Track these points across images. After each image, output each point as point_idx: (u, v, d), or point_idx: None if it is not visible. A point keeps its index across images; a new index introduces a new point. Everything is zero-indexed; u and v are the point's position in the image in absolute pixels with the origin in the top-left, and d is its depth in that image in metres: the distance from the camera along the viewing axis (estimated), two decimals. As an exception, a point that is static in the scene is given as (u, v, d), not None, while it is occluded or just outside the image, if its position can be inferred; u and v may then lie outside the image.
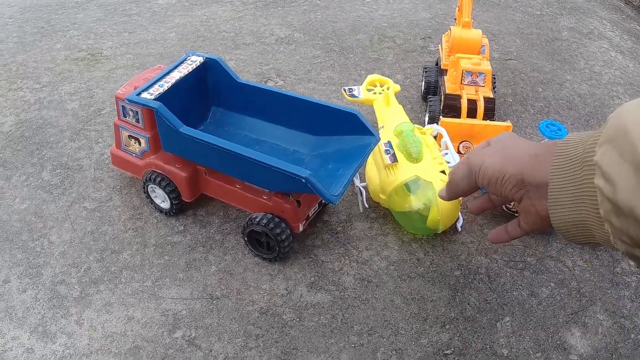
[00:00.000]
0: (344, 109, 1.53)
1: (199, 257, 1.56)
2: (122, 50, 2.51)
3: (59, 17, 2.82)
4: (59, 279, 1.52)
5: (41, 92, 2.23)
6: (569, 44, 2.79)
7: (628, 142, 0.62)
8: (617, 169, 0.63)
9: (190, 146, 1.47)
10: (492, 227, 1.71)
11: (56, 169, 1.85)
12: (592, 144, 0.74)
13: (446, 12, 2.95)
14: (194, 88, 1.66)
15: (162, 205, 1.65)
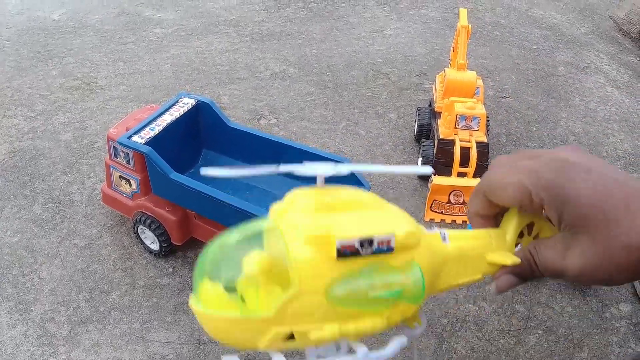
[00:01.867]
0: (335, 158, 1.56)
1: (187, 300, 1.58)
2: (117, 81, 2.55)
3: (55, 42, 2.86)
4: (48, 316, 1.55)
5: (35, 121, 2.27)
6: (564, 80, 2.82)
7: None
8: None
9: (180, 192, 1.51)
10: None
11: (48, 203, 1.89)
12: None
13: (442, 47, 2.97)
14: (186, 131, 1.70)
15: (152, 246, 1.69)
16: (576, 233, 0.60)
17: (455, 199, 1.89)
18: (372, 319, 0.60)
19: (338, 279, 0.57)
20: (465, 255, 0.67)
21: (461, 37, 2.07)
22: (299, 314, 0.58)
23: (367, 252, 0.57)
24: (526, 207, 0.64)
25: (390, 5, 3.40)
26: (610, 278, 0.61)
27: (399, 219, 0.61)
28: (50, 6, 3.23)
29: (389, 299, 0.60)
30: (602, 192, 0.59)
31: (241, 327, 0.59)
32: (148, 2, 3.30)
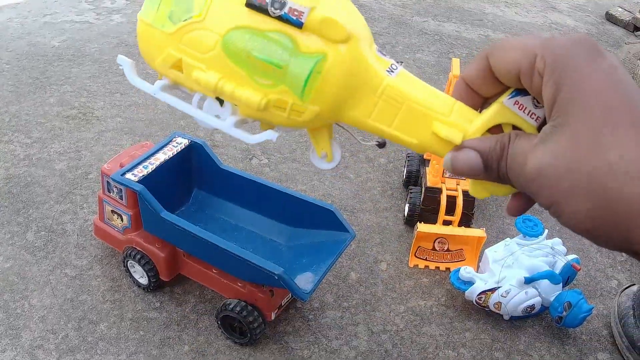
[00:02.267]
0: (321, 205, 1.63)
1: (173, 335, 1.65)
2: (113, 112, 2.61)
3: (54, 69, 2.92)
4: (37, 343, 1.61)
5: (31, 148, 2.33)
6: None
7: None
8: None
9: (169, 230, 1.58)
10: (463, 319, 1.81)
11: (41, 231, 1.94)
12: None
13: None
14: (178, 170, 1.76)
15: (141, 280, 1.75)
16: (561, 125, 0.50)
17: (440, 247, 1.94)
18: (250, 91, 0.60)
19: (240, 28, 0.58)
20: (406, 104, 0.60)
21: (452, 87, 2.12)
22: (193, 43, 0.61)
23: (275, 12, 0.57)
24: (524, 75, 0.53)
25: (386, 48, 3.44)
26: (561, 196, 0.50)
27: (340, 9, 0.58)
28: (51, 32, 3.28)
29: (275, 73, 0.58)
30: (616, 97, 0.48)
31: (150, 37, 0.64)
32: (147, 33, 3.35)
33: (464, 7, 4.25)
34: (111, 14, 3.54)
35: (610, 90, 0.48)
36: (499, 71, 0.55)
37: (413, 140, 0.61)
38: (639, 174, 0.46)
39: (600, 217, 0.49)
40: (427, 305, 1.82)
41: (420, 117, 0.59)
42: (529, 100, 0.56)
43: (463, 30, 3.86)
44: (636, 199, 0.47)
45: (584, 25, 4.33)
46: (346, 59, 0.58)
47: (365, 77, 0.59)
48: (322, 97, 0.59)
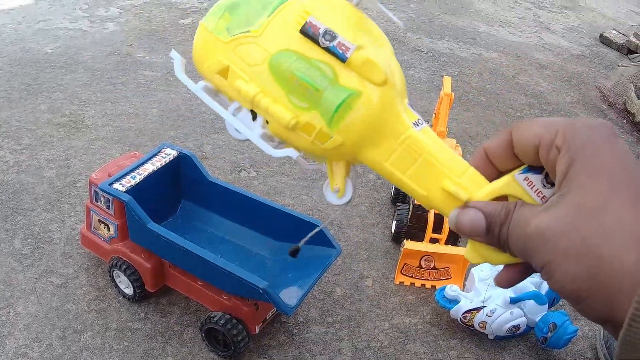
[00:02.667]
0: (308, 219, 1.64)
1: (157, 346, 1.65)
2: (104, 121, 2.62)
3: (46, 75, 2.93)
4: (21, 351, 1.61)
5: (21, 155, 2.33)
6: None
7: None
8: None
9: (156, 241, 1.59)
10: (447, 338, 1.81)
11: (27, 239, 1.95)
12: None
13: (427, 110, 3.04)
14: (166, 181, 1.77)
15: (126, 290, 1.76)
16: (567, 194, 0.53)
17: (426, 264, 1.95)
18: (284, 109, 0.63)
19: (289, 50, 0.63)
20: (423, 157, 0.63)
21: (443, 105, 2.13)
22: (244, 55, 0.65)
23: (324, 44, 0.61)
24: (543, 148, 0.55)
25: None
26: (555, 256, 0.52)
27: (384, 57, 0.62)
28: (44, 39, 3.30)
29: (312, 95, 0.62)
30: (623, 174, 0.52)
31: (205, 42, 0.67)
32: (140, 43, 3.38)
33: (458, 25, 4.27)
34: (105, 22, 3.56)
35: (619, 168, 0.52)
36: (520, 144, 0.58)
37: (422, 191, 0.63)
38: (635, 244, 0.49)
39: (588, 279, 0.51)
40: (412, 323, 1.83)
41: (433, 171, 0.62)
42: (539, 179, 0.58)
43: (456, 49, 3.89)
44: (626, 267, 0.49)
45: (578, 47, 4.35)
46: (378, 101, 0.61)
47: (391, 122, 0.63)
48: (348, 130, 0.62)
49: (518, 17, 4.80)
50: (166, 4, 3.89)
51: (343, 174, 0.68)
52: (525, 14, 4.93)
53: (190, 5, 3.90)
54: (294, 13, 0.63)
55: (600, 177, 0.52)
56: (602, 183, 0.51)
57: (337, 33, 0.61)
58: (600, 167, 0.52)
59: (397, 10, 4.34)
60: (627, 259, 0.49)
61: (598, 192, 0.51)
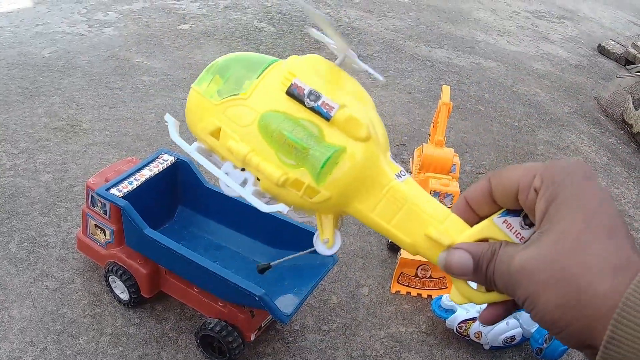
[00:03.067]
0: (305, 227, 1.64)
1: (152, 352, 1.65)
2: (101, 126, 2.62)
3: (44, 79, 2.93)
4: (15, 355, 1.61)
5: (17, 158, 2.33)
6: (543, 159, 2.89)
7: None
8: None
9: (152, 247, 1.59)
10: (443, 347, 1.81)
11: (23, 242, 1.95)
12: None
13: (424, 118, 3.05)
14: (163, 187, 1.77)
15: (122, 296, 1.76)
16: (547, 231, 0.57)
17: (423, 273, 1.95)
18: (273, 167, 0.68)
19: (277, 111, 0.68)
20: (406, 206, 0.67)
21: (442, 114, 2.14)
22: (234, 116, 0.70)
23: (309, 104, 0.66)
24: (522, 192, 0.60)
25: (377, 72, 3.46)
26: (536, 288, 0.56)
27: (366, 114, 0.68)
28: (42, 42, 3.30)
29: (299, 153, 0.66)
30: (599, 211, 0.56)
31: (197, 105, 0.73)
32: (138, 48, 3.38)
33: (457, 34, 4.28)
34: (103, 27, 3.56)
35: (595, 204, 0.56)
36: (499, 190, 0.62)
37: (407, 239, 0.67)
38: (608, 272, 0.53)
39: (568, 308, 0.54)
40: (407, 332, 1.83)
41: (417, 219, 0.66)
42: (517, 221, 0.63)
43: (454, 57, 3.89)
44: (602, 294, 0.52)
45: (576, 57, 4.36)
46: (362, 156, 0.66)
47: (375, 175, 0.67)
48: (334, 185, 0.66)
49: (517, 27, 4.81)
50: (165, 9, 3.90)
51: (332, 226, 0.72)
52: (524, 23, 4.94)
53: (189, 11, 3.91)
54: (280, 75, 0.69)
55: (577, 214, 0.56)
56: (579, 219, 0.56)
57: (321, 93, 0.66)
58: (576, 204, 0.56)
59: (396, 19, 4.35)
60: (603, 287, 0.52)
61: (575, 227, 0.55)
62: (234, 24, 3.79)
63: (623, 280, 0.52)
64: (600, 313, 0.53)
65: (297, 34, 3.76)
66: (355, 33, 3.93)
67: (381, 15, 4.39)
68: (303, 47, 3.61)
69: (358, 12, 4.34)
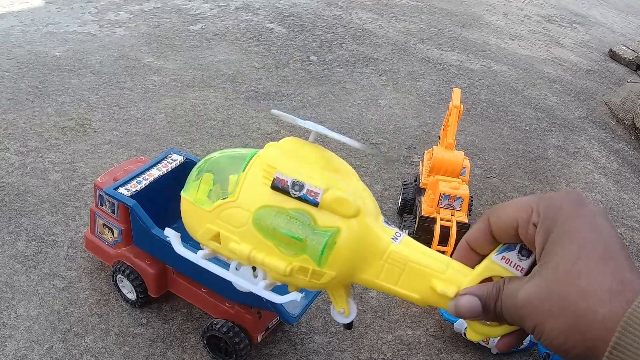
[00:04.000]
0: (315, 227, 1.62)
1: (158, 352, 1.65)
2: (110, 125, 2.62)
3: (54, 78, 2.93)
4: (21, 353, 1.61)
5: (26, 157, 2.33)
6: (553, 164, 2.89)
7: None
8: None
9: (160, 247, 1.59)
10: (450, 351, 1.80)
11: (31, 241, 1.95)
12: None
13: (434, 121, 3.04)
14: (172, 186, 1.74)
15: (129, 295, 1.75)
16: (546, 263, 0.61)
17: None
18: (278, 260, 0.70)
19: (267, 207, 0.70)
20: (408, 265, 0.70)
21: (452, 117, 2.13)
22: (228, 219, 0.73)
23: (295, 194, 0.69)
24: (522, 227, 0.64)
25: (388, 74, 3.48)
26: (542, 318, 0.61)
27: (349, 188, 0.71)
28: (52, 42, 3.30)
29: (296, 245, 0.69)
30: (591, 237, 0.60)
31: (192, 213, 0.77)
32: (149, 48, 3.39)
33: (468, 38, 4.27)
34: (114, 27, 3.56)
35: (587, 231, 0.60)
36: (499, 227, 0.66)
37: (416, 295, 0.70)
38: (605, 297, 0.56)
39: (572, 333, 0.58)
40: (415, 335, 1.82)
41: (420, 275, 0.70)
42: (514, 254, 0.67)
43: (465, 60, 3.89)
44: (601, 318, 0.56)
45: (587, 62, 4.35)
46: (356, 231, 0.69)
47: (373, 245, 0.70)
48: (337, 263, 0.70)
49: (528, 31, 4.80)
50: (176, 9, 3.90)
51: (344, 297, 0.76)
52: (536, 27, 4.94)
53: (200, 12, 3.91)
54: (261, 169, 0.72)
55: (572, 243, 0.60)
56: (573, 250, 0.59)
57: (303, 182, 0.69)
58: (570, 234, 0.60)
59: (408, 22, 4.35)
60: (602, 311, 0.56)
61: (570, 258, 0.59)
62: (245, 25, 3.79)
63: (619, 303, 0.56)
64: (600, 336, 0.56)
65: (308, 35, 3.77)
66: (366, 35, 3.93)
67: (393, 17, 4.38)
68: (315, 49, 3.62)
69: (369, 14, 4.34)
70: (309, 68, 3.43)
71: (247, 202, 0.72)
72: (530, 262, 0.66)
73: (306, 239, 0.69)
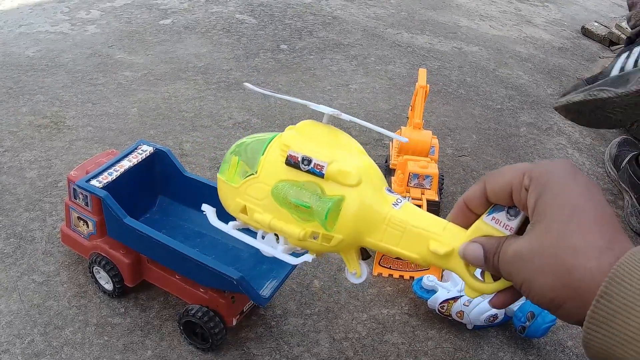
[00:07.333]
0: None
1: (136, 340, 1.68)
2: (84, 122, 2.64)
3: (28, 78, 2.95)
4: (3, 347, 1.63)
5: (2, 157, 2.36)
6: (525, 140, 2.92)
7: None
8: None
9: (132, 236, 1.61)
10: (425, 328, 1.84)
11: (10, 238, 1.97)
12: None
13: (405, 104, 3.06)
14: (142, 177, 1.79)
15: (106, 286, 1.78)
16: (538, 222, 0.69)
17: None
18: (294, 227, 0.86)
19: (283, 180, 0.87)
20: (407, 229, 0.82)
21: (419, 97, 2.16)
22: (253, 194, 0.90)
23: (305, 168, 0.84)
24: (515, 191, 0.73)
25: (358, 59, 3.50)
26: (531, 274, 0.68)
27: (353, 161, 0.84)
28: (26, 42, 3.31)
29: (306, 211, 0.85)
30: (584, 201, 0.67)
31: (225, 190, 0.95)
32: (120, 44, 3.40)
33: (438, 20, 4.29)
34: (86, 25, 3.57)
35: (581, 196, 0.67)
36: (494, 190, 0.75)
37: (416, 256, 0.83)
38: (595, 254, 0.63)
39: (563, 289, 0.65)
40: (390, 314, 1.85)
41: (418, 237, 0.82)
42: (503, 214, 0.76)
43: (436, 43, 3.91)
44: (590, 273, 0.62)
45: (559, 40, 4.38)
46: (359, 198, 0.83)
47: (375, 210, 0.83)
48: (343, 228, 0.83)
49: (499, 11, 4.81)
50: (146, 5, 3.91)
51: (356, 259, 0.90)
52: (507, 7, 4.95)
53: (170, 6, 3.92)
54: (278, 149, 0.88)
55: (565, 206, 0.67)
56: (566, 210, 0.66)
57: (311, 157, 0.84)
58: (563, 197, 0.67)
59: (377, 7, 4.36)
60: (590, 266, 0.63)
61: (563, 218, 0.66)
62: (215, 17, 3.80)
63: (607, 259, 0.62)
64: (589, 290, 0.62)
65: (278, 24, 3.78)
66: (336, 22, 3.95)
67: (362, 3, 4.39)
68: (285, 37, 3.63)
69: (339, 1, 4.34)
70: (279, 57, 3.45)
71: (267, 177, 0.88)
72: (518, 221, 0.76)
73: (312, 207, 0.84)
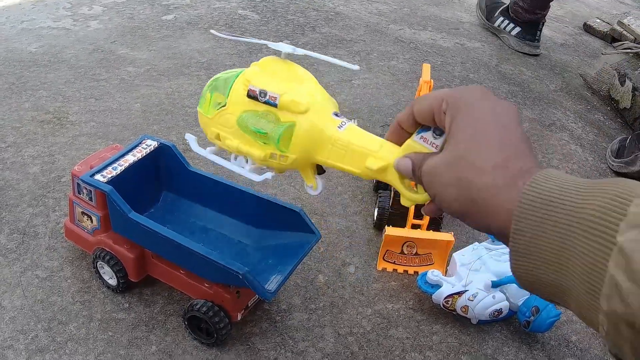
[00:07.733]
0: (288, 206, 1.66)
1: (141, 335, 1.67)
2: (87, 117, 2.63)
3: (30, 74, 2.94)
4: (7, 343, 1.63)
5: (5, 152, 2.35)
6: (529, 136, 2.88)
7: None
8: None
9: (137, 231, 1.60)
10: (430, 323, 1.84)
11: (13, 233, 1.97)
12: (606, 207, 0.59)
13: (409, 99, 3.05)
14: (147, 172, 1.79)
15: (110, 281, 1.78)
16: (449, 141, 0.79)
17: (408, 250, 1.97)
18: (256, 149, 1.01)
19: (246, 111, 1.01)
20: (349, 147, 0.94)
21: (423, 92, 2.15)
22: (223, 123, 1.04)
23: (262, 99, 0.98)
24: (436, 115, 0.82)
25: (360, 55, 3.48)
26: (441, 188, 0.78)
27: (303, 91, 0.97)
28: (28, 38, 3.30)
29: (264, 137, 0.99)
30: (488, 122, 0.76)
31: (204, 121, 1.09)
32: (123, 40, 3.38)
33: (441, 16, 4.28)
34: (88, 20, 3.56)
35: (486, 118, 0.76)
36: (420, 114, 0.85)
37: (357, 170, 0.95)
38: (488, 169, 0.72)
39: (466, 201, 0.74)
40: (394, 308, 1.85)
41: (359, 154, 0.93)
42: (430, 134, 0.87)
43: (439, 39, 3.90)
44: (485, 187, 0.72)
45: (561, 36, 4.37)
46: (306, 123, 0.96)
47: (322, 133, 0.96)
48: (296, 148, 0.97)
49: (501, 8, 4.80)
50: (149, 0, 3.89)
51: (311, 175, 1.03)
52: (509, 4, 4.94)
53: (173, 2, 3.91)
54: (242, 84, 1.01)
55: (468, 128, 0.76)
56: (469, 132, 0.76)
57: (266, 90, 0.97)
58: (470, 121, 0.77)
59: (380, 3, 4.34)
60: (485, 181, 0.72)
61: (466, 137, 0.76)
62: (218, 12, 3.79)
63: (499, 176, 0.71)
64: (488, 202, 0.72)
65: (280, 20, 3.77)
66: (339, 18, 3.93)
67: None
68: (287, 33, 3.62)
69: (342, -3, 4.34)
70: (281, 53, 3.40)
71: (233, 108, 1.02)
72: (443, 140, 0.85)
73: (267, 132, 0.98)
